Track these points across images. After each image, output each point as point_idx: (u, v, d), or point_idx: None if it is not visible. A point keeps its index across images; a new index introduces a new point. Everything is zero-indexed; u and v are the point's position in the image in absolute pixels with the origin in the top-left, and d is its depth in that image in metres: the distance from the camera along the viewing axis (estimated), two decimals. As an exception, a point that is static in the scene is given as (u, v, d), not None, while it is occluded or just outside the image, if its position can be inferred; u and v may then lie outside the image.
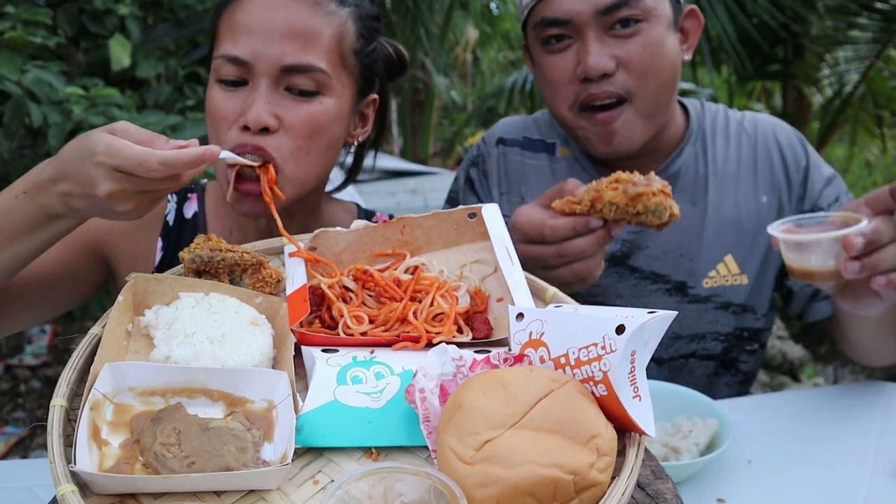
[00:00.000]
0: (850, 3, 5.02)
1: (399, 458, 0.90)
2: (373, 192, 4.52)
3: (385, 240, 1.18)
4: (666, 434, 1.41)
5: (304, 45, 1.32)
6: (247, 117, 1.29)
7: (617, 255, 1.72)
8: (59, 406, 0.87)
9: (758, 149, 1.74)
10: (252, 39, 1.31)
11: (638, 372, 0.86)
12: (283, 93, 1.32)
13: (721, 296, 1.71)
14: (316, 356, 0.98)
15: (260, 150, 1.29)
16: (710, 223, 1.69)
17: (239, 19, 1.33)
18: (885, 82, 5.31)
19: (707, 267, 1.70)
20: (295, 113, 1.32)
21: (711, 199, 1.70)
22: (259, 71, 1.31)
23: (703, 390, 1.52)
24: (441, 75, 7.90)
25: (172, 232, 1.57)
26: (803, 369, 5.24)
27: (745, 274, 1.70)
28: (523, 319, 0.95)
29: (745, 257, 1.70)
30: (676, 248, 1.70)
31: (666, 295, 1.72)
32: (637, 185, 1.24)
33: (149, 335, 1.00)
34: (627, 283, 1.73)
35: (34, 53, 2.89)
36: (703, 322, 1.73)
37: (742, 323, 1.74)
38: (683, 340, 1.74)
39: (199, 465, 0.83)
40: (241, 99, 1.32)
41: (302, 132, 1.32)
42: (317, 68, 1.32)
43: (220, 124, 1.33)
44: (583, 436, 0.80)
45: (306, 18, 1.32)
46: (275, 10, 1.32)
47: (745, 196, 1.71)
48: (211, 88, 1.36)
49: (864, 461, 1.41)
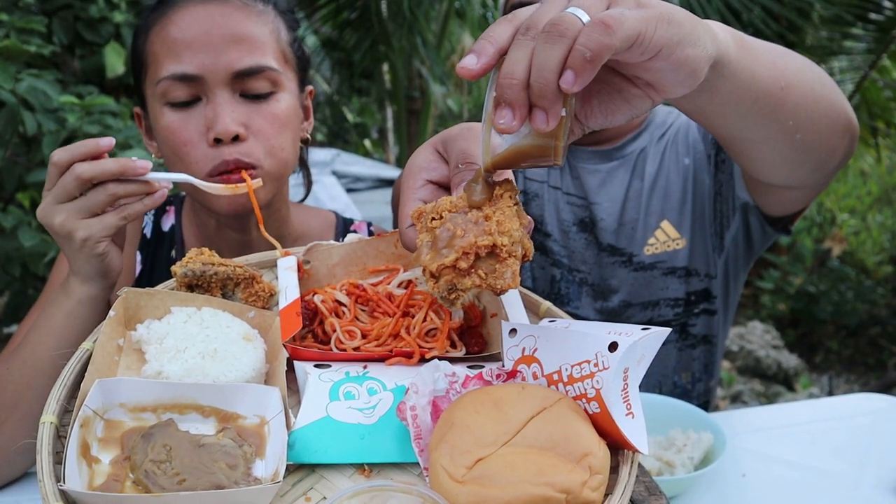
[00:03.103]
0: (845, 14, 5.05)
1: (392, 475, 0.90)
2: (367, 201, 4.52)
3: (379, 253, 1.17)
4: (660, 448, 1.41)
5: (250, 48, 1.33)
6: (216, 130, 1.30)
7: (585, 220, 1.86)
8: (49, 423, 0.86)
9: (681, 116, 1.87)
10: (196, 54, 1.31)
11: (631, 389, 0.85)
12: (240, 99, 1.34)
13: (665, 262, 1.82)
14: (308, 371, 0.98)
15: (240, 163, 1.31)
16: (648, 192, 1.82)
17: (175, 37, 1.32)
18: (879, 93, 5.33)
19: (646, 234, 1.81)
20: (260, 118, 1.34)
21: (648, 170, 1.84)
22: (212, 82, 1.31)
23: (655, 358, 1.59)
24: (437, 84, 7.92)
25: (150, 245, 1.58)
26: (798, 379, 5.24)
27: (683, 237, 1.81)
28: (516, 335, 0.95)
29: (680, 220, 1.81)
30: (629, 222, 1.83)
31: (622, 267, 1.84)
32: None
33: (140, 350, 1.00)
34: (593, 251, 1.86)
35: (29, 62, 2.88)
36: (654, 290, 1.84)
37: (690, 287, 1.84)
38: (636, 308, 1.85)
39: (189, 482, 0.82)
40: (200, 115, 1.33)
41: (270, 132, 1.35)
42: (268, 67, 1.35)
43: (184, 147, 1.33)
44: (575, 454, 0.80)
45: (243, 22, 1.34)
46: (210, 20, 1.32)
47: (672, 161, 1.83)
48: (160, 114, 1.35)
49: (861, 475, 1.41)
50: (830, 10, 5.02)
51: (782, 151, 1.24)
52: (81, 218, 1.16)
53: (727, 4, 4.56)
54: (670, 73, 0.81)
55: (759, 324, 5.67)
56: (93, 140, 1.15)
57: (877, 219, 6.91)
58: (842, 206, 6.91)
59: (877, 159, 6.43)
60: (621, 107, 0.87)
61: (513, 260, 0.84)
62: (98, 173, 1.14)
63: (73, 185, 1.14)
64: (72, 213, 1.15)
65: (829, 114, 1.19)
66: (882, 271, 6.42)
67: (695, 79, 0.83)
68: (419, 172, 0.99)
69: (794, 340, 5.96)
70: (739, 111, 1.06)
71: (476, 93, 12.55)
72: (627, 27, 0.73)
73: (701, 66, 0.83)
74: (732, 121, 1.11)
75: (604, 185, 1.86)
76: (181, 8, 1.34)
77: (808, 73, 1.15)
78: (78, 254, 1.18)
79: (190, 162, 1.33)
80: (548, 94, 0.74)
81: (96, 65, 3.89)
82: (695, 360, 1.90)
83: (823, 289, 5.89)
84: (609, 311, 1.87)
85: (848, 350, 5.94)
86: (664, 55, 0.78)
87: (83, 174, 1.13)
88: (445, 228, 0.86)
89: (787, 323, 6.12)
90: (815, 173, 1.33)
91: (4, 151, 2.58)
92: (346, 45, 7.02)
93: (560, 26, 0.73)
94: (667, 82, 0.83)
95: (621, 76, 0.85)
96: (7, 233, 2.58)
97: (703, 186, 1.80)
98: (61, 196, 1.15)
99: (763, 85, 1.02)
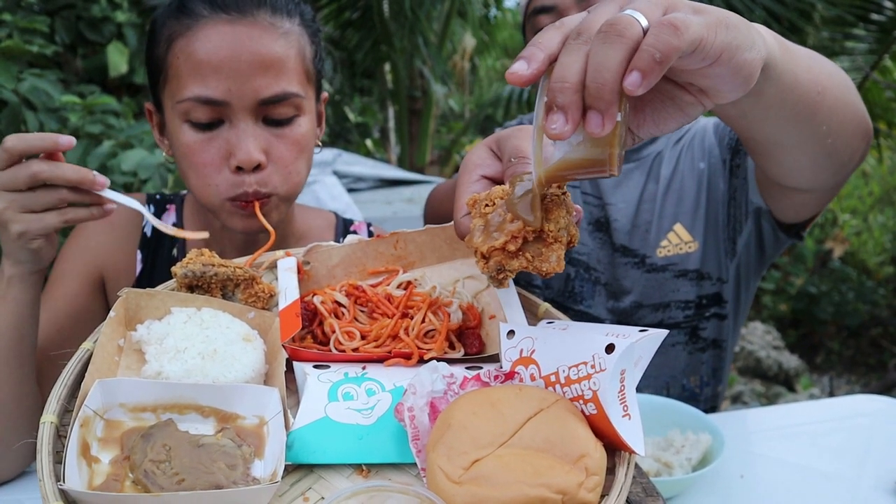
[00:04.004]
0: (847, 15, 5.05)
1: (390, 476, 0.90)
2: (369, 201, 4.52)
3: (378, 254, 1.18)
4: (658, 449, 1.41)
5: (277, 74, 1.32)
6: (239, 158, 1.30)
7: (601, 220, 1.87)
8: (49, 423, 0.86)
9: (698, 120, 1.88)
10: (222, 79, 1.29)
11: (628, 391, 0.86)
12: (263, 126, 1.34)
13: (677, 264, 1.83)
14: (307, 372, 0.98)
15: (258, 195, 1.34)
16: (662, 195, 1.83)
17: (202, 58, 1.29)
18: (880, 93, 5.33)
19: (659, 236, 1.82)
20: (280, 144, 1.35)
21: (664, 173, 1.85)
22: (237, 108, 1.31)
23: (664, 359, 1.58)
24: (439, 83, 7.92)
25: (150, 244, 1.59)
26: (798, 379, 5.24)
27: (695, 240, 1.82)
28: (514, 337, 0.95)
29: (693, 223, 1.82)
30: (642, 223, 1.84)
31: (635, 268, 1.85)
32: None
33: (141, 350, 1.00)
34: (607, 251, 1.87)
35: (31, 61, 2.89)
36: (665, 292, 1.84)
37: (702, 291, 1.85)
38: (647, 309, 1.86)
39: (188, 482, 0.82)
40: (223, 140, 1.32)
41: (289, 159, 1.36)
42: (293, 94, 1.34)
43: (204, 168, 1.34)
44: (572, 455, 0.80)
45: (270, 45, 1.32)
46: (238, 43, 1.30)
47: (687, 165, 1.85)
48: (180, 131, 1.34)
49: (859, 476, 1.41)
50: (832, 10, 5.02)
51: (812, 156, 1.24)
52: (21, 212, 1.15)
53: (729, 5, 4.57)
54: (728, 78, 0.80)
55: (760, 324, 5.68)
56: (52, 135, 1.13)
57: (878, 219, 6.91)
58: (843, 207, 6.91)
59: (878, 160, 6.43)
60: (674, 114, 0.85)
61: (558, 245, 0.88)
62: (55, 178, 1.13)
63: (25, 179, 1.13)
64: (13, 204, 1.14)
65: (854, 118, 1.20)
66: (883, 272, 6.43)
67: (748, 83, 0.82)
68: (474, 169, 1.02)
69: (795, 341, 5.96)
70: (781, 115, 1.06)
71: (477, 93, 12.55)
72: (693, 31, 0.72)
73: (755, 70, 0.82)
74: (772, 125, 1.11)
75: (619, 186, 1.87)
76: (207, 25, 1.31)
77: (838, 78, 1.16)
78: (11, 244, 1.18)
79: (210, 184, 1.34)
80: (604, 95, 0.72)
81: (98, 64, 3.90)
82: (703, 363, 1.91)
83: (824, 289, 5.89)
84: (620, 312, 1.87)
85: (849, 351, 5.94)
86: (723, 60, 0.77)
87: (39, 174, 1.12)
88: (497, 214, 0.90)
89: (788, 323, 6.12)
90: (836, 176, 1.34)
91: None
92: (348, 45, 7.03)
93: (618, 26, 0.72)
94: (722, 87, 0.82)
95: (674, 83, 0.84)
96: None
97: (717, 191, 1.81)
98: (7, 185, 1.14)
99: (804, 89, 1.03)
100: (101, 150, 2.57)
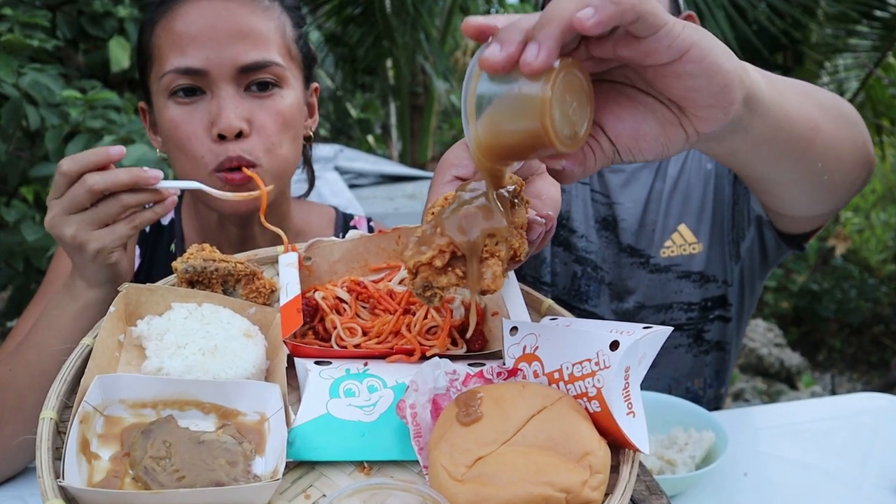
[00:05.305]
0: (850, 11, 5.03)
1: (392, 473, 0.89)
2: (370, 197, 4.51)
3: (380, 250, 1.17)
4: (662, 446, 1.41)
5: (255, 42, 1.33)
6: (220, 126, 1.30)
7: (608, 219, 1.86)
8: (49, 419, 0.86)
9: None
10: (201, 48, 1.31)
11: (632, 388, 0.85)
12: (244, 94, 1.34)
13: (680, 265, 1.81)
14: (309, 368, 0.98)
15: (242, 161, 1.32)
16: (669, 193, 1.82)
17: (180, 31, 1.32)
18: (884, 90, 5.32)
19: (663, 236, 1.81)
20: (263, 113, 1.34)
21: (671, 172, 1.84)
22: (217, 77, 1.31)
23: (668, 362, 1.58)
24: (441, 79, 7.89)
25: (149, 238, 1.58)
26: (800, 377, 5.23)
27: (699, 242, 1.81)
28: (517, 333, 0.95)
29: (698, 224, 1.81)
30: (649, 223, 1.83)
31: (640, 269, 1.84)
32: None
33: (141, 346, 1.00)
34: (613, 250, 1.86)
35: (32, 56, 2.88)
36: (668, 293, 1.83)
37: (707, 293, 1.84)
38: (650, 310, 1.84)
39: (189, 479, 0.82)
40: (204, 110, 1.32)
41: (273, 129, 1.35)
42: (273, 62, 1.35)
43: (188, 141, 1.33)
44: (576, 453, 0.80)
45: (248, 17, 1.34)
46: (216, 15, 1.32)
47: (694, 165, 1.84)
48: (164, 108, 1.35)
49: (862, 474, 1.41)
50: (835, 7, 5.01)
51: (808, 192, 1.22)
52: (93, 229, 1.14)
53: (733, 2, 4.55)
54: (703, 88, 0.75)
55: (762, 321, 5.67)
56: (103, 149, 1.13)
57: (881, 217, 6.90)
58: (846, 205, 6.90)
59: (881, 157, 6.41)
60: (653, 131, 0.80)
61: (494, 260, 0.79)
62: (111, 185, 1.12)
63: (85, 196, 1.12)
64: (83, 224, 1.14)
65: (853, 151, 1.16)
66: (885, 269, 6.42)
67: (728, 103, 0.77)
68: (449, 168, 0.97)
69: (797, 338, 5.96)
70: (772, 153, 1.01)
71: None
72: (653, 3, 0.67)
73: (734, 85, 0.76)
74: (763, 164, 1.07)
75: (627, 185, 1.86)
76: (186, 3, 1.34)
77: (834, 110, 1.11)
78: (90, 264, 1.16)
79: (194, 157, 1.33)
80: (549, 28, 0.66)
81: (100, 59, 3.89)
82: (707, 365, 1.90)
83: (827, 287, 5.88)
84: (623, 313, 1.86)
85: (851, 348, 5.94)
86: (694, 58, 0.72)
87: (95, 186, 1.11)
88: (431, 224, 0.81)
89: (789, 321, 6.12)
90: (836, 205, 1.33)
91: (8, 146, 2.58)
92: (350, 41, 7.02)
93: None
94: (699, 99, 0.76)
95: (650, 96, 0.79)
96: (10, 227, 2.58)
97: (723, 194, 1.81)
98: (71, 207, 1.13)
99: (796, 125, 0.98)
100: (102, 145, 2.57)
